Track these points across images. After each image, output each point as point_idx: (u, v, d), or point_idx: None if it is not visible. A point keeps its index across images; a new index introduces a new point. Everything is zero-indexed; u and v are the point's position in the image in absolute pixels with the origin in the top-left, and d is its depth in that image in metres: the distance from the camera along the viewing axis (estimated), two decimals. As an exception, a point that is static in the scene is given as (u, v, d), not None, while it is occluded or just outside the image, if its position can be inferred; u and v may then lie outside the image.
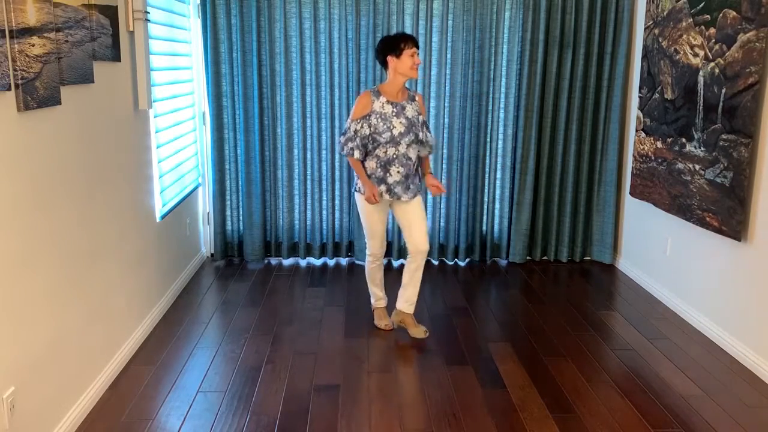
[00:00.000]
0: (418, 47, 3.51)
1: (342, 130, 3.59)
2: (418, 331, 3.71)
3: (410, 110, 3.57)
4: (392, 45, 3.48)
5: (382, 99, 3.54)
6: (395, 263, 5.14)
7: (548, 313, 4.15)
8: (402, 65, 3.48)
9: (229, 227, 5.12)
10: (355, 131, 3.52)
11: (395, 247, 5.13)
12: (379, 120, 3.51)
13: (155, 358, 3.47)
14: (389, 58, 3.49)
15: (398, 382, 3.24)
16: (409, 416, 2.93)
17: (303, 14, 4.76)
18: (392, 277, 4.71)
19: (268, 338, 3.73)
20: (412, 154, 3.59)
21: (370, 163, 3.58)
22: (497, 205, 5.17)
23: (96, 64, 3.06)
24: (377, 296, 3.93)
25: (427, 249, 3.66)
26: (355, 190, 3.69)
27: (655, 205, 4.37)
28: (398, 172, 3.56)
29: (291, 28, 4.81)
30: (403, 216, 3.66)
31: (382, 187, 3.58)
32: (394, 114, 3.53)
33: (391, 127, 3.51)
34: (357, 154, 3.54)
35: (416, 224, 3.64)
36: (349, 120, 3.56)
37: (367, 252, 3.83)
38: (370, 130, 3.52)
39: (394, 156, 3.54)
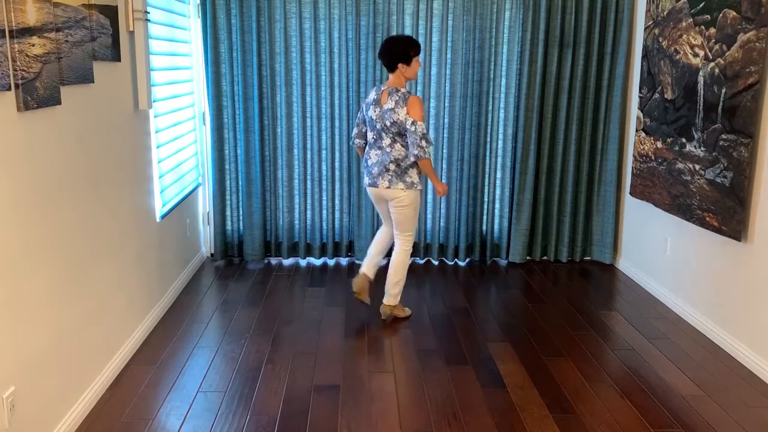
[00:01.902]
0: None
1: (419, 136, 3.59)
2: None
3: None
4: (404, 54, 3.65)
5: None
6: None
7: (548, 313, 4.16)
8: (410, 71, 3.70)
9: (229, 227, 5.12)
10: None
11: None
12: None
13: (155, 358, 3.47)
14: (400, 66, 3.67)
15: (398, 382, 3.24)
16: (409, 416, 2.93)
17: (303, 14, 4.76)
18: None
19: (268, 338, 3.73)
20: None
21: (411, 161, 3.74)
22: (497, 205, 5.17)
23: (96, 64, 3.06)
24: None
25: None
26: (419, 188, 3.76)
27: (655, 205, 4.37)
28: None
29: (291, 28, 4.81)
30: None
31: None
32: None
33: None
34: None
35: None
36: (421, 123, 3.59)
37: (408, 243, 3.89)
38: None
39: None
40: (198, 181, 4.99)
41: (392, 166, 3.71)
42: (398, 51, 3.65)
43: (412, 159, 3.65)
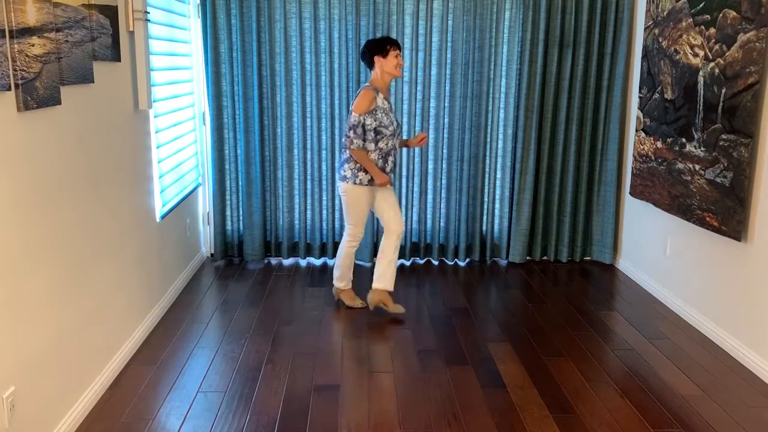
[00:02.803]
0: (401, 49, 3.89)
1: (349, 126, 3.81)
2: (398, 307, 4.09)
3: (391, 107, 3.97)
4: (379, 46, 3.83)
5: (380, 95, 3.85)
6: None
7: (548, 313, 4.16)
8: (388, 65, 3.83)
9: (229, 227, 5.12)
10: (363, 125, 3.79)
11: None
12: (383, 114, 3.84)
13: (155, 358, 3.47)
14: (376, 58, 3.84)
15: (398, 382, 3.24)
16: (409, 416, 2.93)
17: (303, 14, 4.76)
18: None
19: (268, 338, 3.73)
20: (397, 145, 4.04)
21: (372, 155, 3.88)
22: (497, 205, 5.17)
23: (96, 64, 3.06)
24: (347, 279, 4.17)
25: (403, 230, 4.06)
26: (355, 183, 3.89)
27: (655, 205, 4.37)
28: (393, 161, 3.98)
29: (291, 28, 4.81)
30: (385, 201, 4.01)
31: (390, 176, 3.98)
32: (390, 110, 3.91)
33: (392, 121, 3.89)
34: (369, 146, 3.85)
35: (396, 207, 4.05)
36: (356, 115, 3.78)
37: (350, 238, 4.06)
38: (376, 123, 3.81)
39: (391, 147, 3.93)
40: (198, 181, 4.99)
41: (340, 158, 4.05)
42: (374, 45, 3.83)
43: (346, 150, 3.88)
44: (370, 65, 3.89)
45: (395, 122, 3.93)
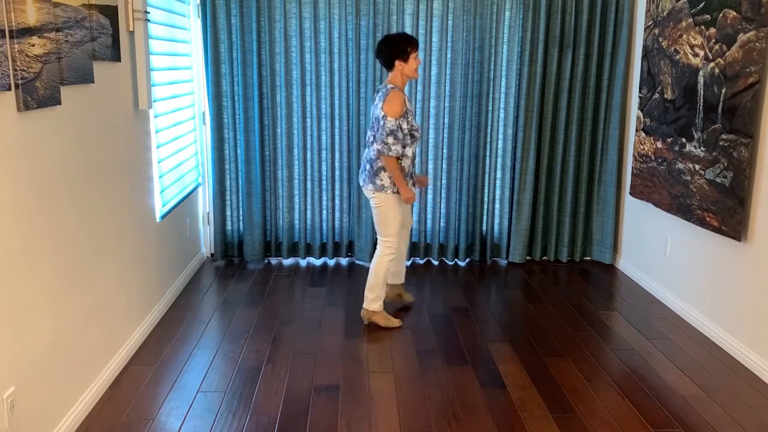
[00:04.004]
0: (418, 47, 3.68)
1: (387, 131, 3.53)
2: (408, 296, 4.22)
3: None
4: (400, 50, 3.59)
5: (406, 97, 3.64)
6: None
7: (548, 313, 4.16)
8: (409, 68, 3.63)
9: (229, 227, 5.12)
10: (401, 129, 3.56)
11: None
12: (413, 117, 3.65)
13: (155, 358, 3.47)
14: (397, 63, 3.61)
15: (398, 382, 3.24)
16: (409, 416, 2.93)
17: (303, 14, 4.76)
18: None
19: (268, 338, 3.73)
20: None
21: (406, 161, 3.66)
22: (497, 205, 5.17)
23: (96, 64, 3.06)
24: (383, 297, 3.88)
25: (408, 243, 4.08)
26: (394, 192, 3.66)
27: (655, 205, 4.37)
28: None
29: (291, 28, 4.81)
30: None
31: (410, 181, 3.77)
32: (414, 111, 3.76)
33: (419, 124, 3.67)
34: (407, 152, 3.62)
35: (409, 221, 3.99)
36: (392, 120, 3.52)
37: (389, 249, 3.76)
38: (409, 127, 3.60)
39: (415, 152, 3.79)
40: (198, 181, 4.99)
41: (368, 166, 3.69)
42: (395, 48, 3.59)
43: (374, 155, 3.61)
44: (389, 66, 3.64)
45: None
